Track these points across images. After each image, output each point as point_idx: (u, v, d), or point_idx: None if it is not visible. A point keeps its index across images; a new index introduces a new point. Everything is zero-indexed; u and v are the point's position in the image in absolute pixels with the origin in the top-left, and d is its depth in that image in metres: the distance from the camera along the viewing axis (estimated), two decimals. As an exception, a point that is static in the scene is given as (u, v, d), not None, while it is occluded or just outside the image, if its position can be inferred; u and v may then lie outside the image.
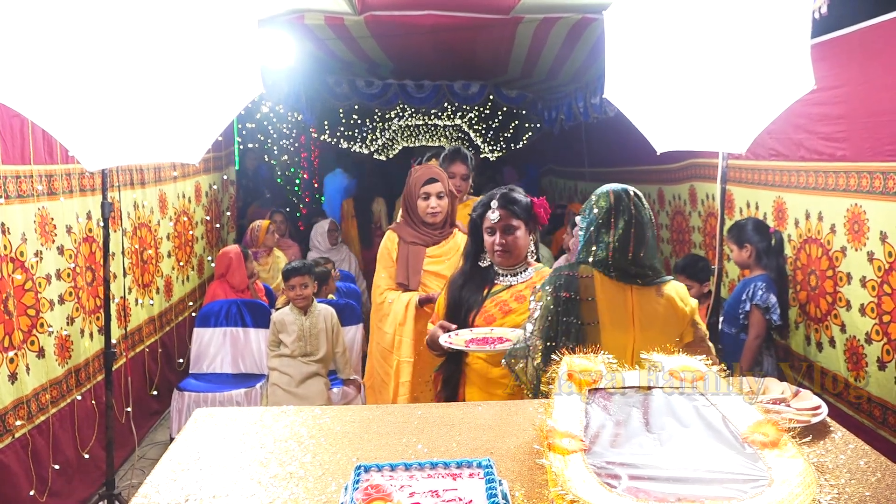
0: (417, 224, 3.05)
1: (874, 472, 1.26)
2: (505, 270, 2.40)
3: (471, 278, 2.44)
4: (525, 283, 2.38)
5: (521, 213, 2.34)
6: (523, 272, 2.40)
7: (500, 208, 2.32)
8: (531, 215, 2.39)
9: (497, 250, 2.34)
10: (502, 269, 2.40)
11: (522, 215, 2.34)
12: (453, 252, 3.04)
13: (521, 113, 9.06)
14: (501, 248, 2.33)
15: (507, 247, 2.33)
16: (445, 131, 13.25)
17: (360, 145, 11.16)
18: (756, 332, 3.27)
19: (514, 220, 2.33)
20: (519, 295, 2.35)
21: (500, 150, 11.65)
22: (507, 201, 2.34)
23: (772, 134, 3.53)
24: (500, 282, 2.39)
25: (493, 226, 2.33)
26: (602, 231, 1.99)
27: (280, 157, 8.33)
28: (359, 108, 8.62)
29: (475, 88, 6.92)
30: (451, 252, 3.04)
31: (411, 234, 3.05)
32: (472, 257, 2.46)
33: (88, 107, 2.19)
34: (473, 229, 2.44)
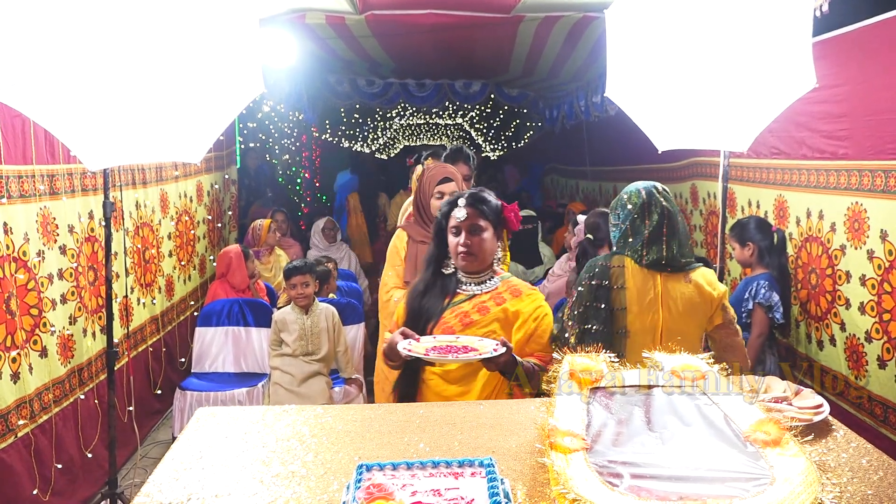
0: (428, 223, 2.93)
1: (876, 471, 1.26)
2: (469, 278, 2.22)
3: (432, 286, 2.25)
4: (489, 294, 2.19)
5: (490, 215, 2.19)
6: (488, 280, 2.22)
7: (468, 206, 2.17)
8: (500, 219, 2.23)
9: (461, 252, 2.16)
10: (466, 275, 2.22)
11: (491, 216, 2.19)
12: None
13: (523, 112, 9.06)
14: (466, 250, 2.15)
15: (472, 248, 2.15)
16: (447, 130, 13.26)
17: (361, 144, 11.16)
18: (759, 331, 3.26)
19: (481, 220, 2.17)
20: (482, 306, 2.17)
21: (502, 149, 11.65)
22: (475, 200, 2.20)
23: (773, 132, 3.52)
24: (463, 290, 2.21)
25: (459, 225, 2.16)
26: (637, 224, 2.24)
27: (281, 157, 8.34)
28: (360, 107, 8.63)
29: (476, 87, 6.92)
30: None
31: (421, 234, 2.98)
32: (435, 263, 2.28)
33: (90, 106, 2.20)
34: (438, 232, 2.27)
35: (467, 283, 2.23)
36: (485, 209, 2.18)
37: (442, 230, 2.24)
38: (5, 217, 2.62)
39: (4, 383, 2.60)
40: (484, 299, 2.17)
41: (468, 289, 2.21)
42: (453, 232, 2.19)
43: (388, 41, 4.97)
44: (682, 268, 2.21)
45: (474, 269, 2.20)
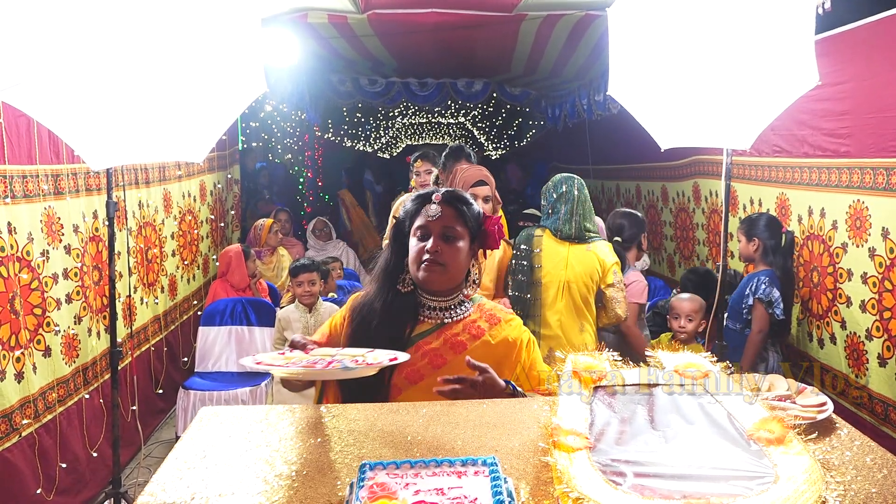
0: None
1: (880, 469, 1.26)
2: (433, 300, 1.76)
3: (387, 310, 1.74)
4: (462, 323, 1.76)
5: (470, 221, 1.77)
6: (459, 305, 1.78)
7: (445, 203, 1.74)
8: (480, 231, 1.79)
9: (426, 260, 1.70)
10: (430, 296, 1.76)
11: (470, 224, 1.77)
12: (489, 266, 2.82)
13: (525, 110, 9.05)
14: (431, 258, 1.69)
15: (441, 256, 1.70)
16: (449, 129, 13.25)
17: (363, 143, 11.16)
18: (759, 327, 3.26)
19: (458, 224, 1.74)
20: (454, 341, 1.73)
21: (504, 148, 11.64)
22: (454, 198, 1.78)
23: (775, 130, 3.52)
24: (428, 317, 1.76)
25: (429, 224, 1.72)
26: (557, 207, 3.04)
27: (284, 156, 8.35)
28: (362, 106, 8.63)
29: (478, 86, 6.92)
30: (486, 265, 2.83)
31: None
32: (390, 277, 1.78)
33: (93, 106, 2.20)
34: (397, 236, 1.81)
35: (433, 308, 1.77)
36: (465, 212, 1.77)
37: (401, 235, 1.79)
38: (9, 217, 2.63)
39: (8, 383, 2.61)
40: (456, 331, 1.75)
41: (434, 314, 1.76)
42: (419, 234, 1.74)
43: (390, 40, 4.96)
44: (584, 240, 3.01)
45: (440, 287, 1.75)
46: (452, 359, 1.71)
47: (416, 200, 1.80)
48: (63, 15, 2.04)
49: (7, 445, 2.60)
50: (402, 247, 1.79)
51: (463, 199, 1.79)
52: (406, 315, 1.75)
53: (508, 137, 11.15)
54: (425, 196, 1.79)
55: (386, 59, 5.68)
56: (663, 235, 5.90)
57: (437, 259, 1.70)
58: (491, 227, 1.79)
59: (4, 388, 2.58)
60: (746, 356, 3.27)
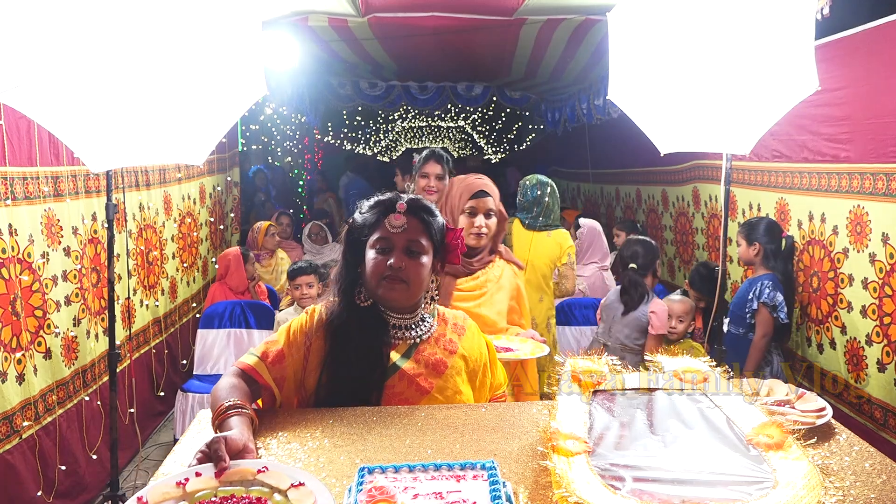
0: None
1: (879, 475, 1.26)
2: (398, 315, 1.64)
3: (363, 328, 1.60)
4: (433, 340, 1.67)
5: (435, 234, 1.64)
6: (422, 322, 1.67)
7: (410, 214, 1.60)
8: (442, 244, 1.67)
9: (387, 276, 1.56)
10: (392, 311, 1.64)
11: (435, 237, 1.64)
12: (491, 286, 2.45)
13: (525, 114, 9.07)
14: (392, 275, 1.56)
15: (405, 274, 1.57)
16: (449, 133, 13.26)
17: (363, 147, 11.17)
18: (763, 331, 3.25)
19: (423, 238, 1.61)
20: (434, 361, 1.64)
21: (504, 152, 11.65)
22: (419, 207, 1.63)
23: (775, 135, 3.52)
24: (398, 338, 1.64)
25: (392, 237, 1.58)
26: (530, 204, 3.61)
27: (284, 159, 8.36)
28: (362, 109, 8.65)
29: (478, 90, 6.93)
30: (486, 285, 2.45)
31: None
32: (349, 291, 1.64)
33: (93, 108, 2.20)
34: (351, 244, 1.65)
35: (398, 328, 1.64)
36: (431, 223, 1.63)
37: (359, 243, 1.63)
38: (10, 219, 2.63)
39: (10, 385, 2.61)
40: (433, 351, 1.64)
41: (401, 335, 1.64)
42: (379, 247, 1.59)
43: (390, 44, 4.97)
44: (547, 229, 3.58)
45: (403, 304, 1.63)
46: (437, 382, 1.62)
47: (375, 208, 1.63)
48: (64, 17, 2.05)
49: (8, 447, 2.60)
50: (357, 258, 1.63)
51: (428, 209, 1.65)
52: (380, 337, 1.61)
53: (508, 141, 11.17)
54: (387, 203, 1.62)
55: (386, 62, 5.69)
56: (663, 240, 5.91)
57: (399, 276, 1.56)
58: (453, 241, 1.68)
59: (6, 389, 2.58)
60: (751, 360, 3.26)
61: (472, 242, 2.42)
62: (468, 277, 2.45)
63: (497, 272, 2.49)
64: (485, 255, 2.50)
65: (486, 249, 2.51)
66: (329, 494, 1.13)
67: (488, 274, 2.48)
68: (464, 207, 2.45)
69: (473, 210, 2.44)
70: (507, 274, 2.51)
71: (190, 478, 1.16)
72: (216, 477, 1.17)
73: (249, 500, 1.12)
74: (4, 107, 2.55)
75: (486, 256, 2.51)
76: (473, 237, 2.43)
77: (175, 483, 1.15)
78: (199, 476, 1.17)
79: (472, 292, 2.43)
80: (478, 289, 2.44)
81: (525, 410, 1.57)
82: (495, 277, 2.48)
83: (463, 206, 2.45)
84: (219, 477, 1.17)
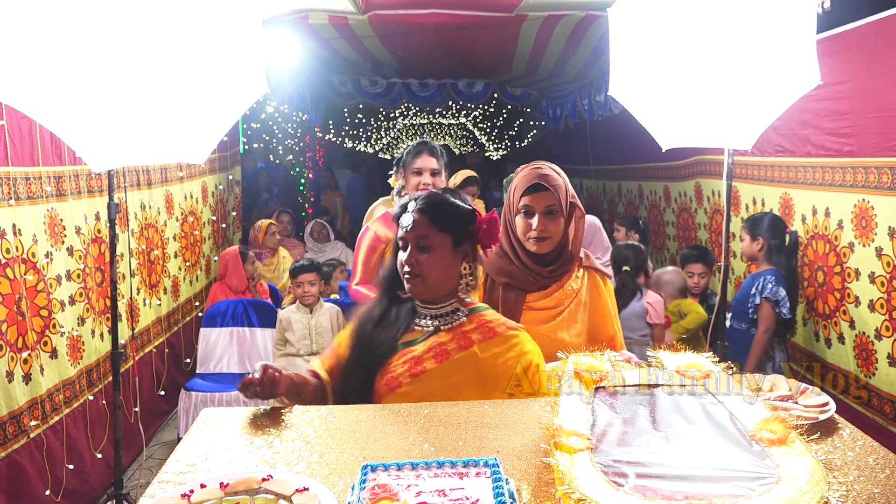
0: (514, 253, 2.05)
1: (883, 469, 1.26)
2: (425, 308, 1.75)
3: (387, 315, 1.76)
4: (451, 332, 1.70)
5: (448, 226, 1.69)
6: (450, 313, 1.73)
7: (418, 212, 1.69)
8: (466, 232, 1.71)
9: (405, 272, 1.69)
10: (422, 305, 1.75)
11: (450, 228, 1.70)
12: (569, 303, 2.03)
13: (526, 111, 9.05)
14: (409, 270, 1.68)
15: (416, 268, 1.68)
16: (450, 130, 13.24)
17: (364, 144, 11.17)
18: (766, 326, 3.25)
19: (431, 232, 1.68)
20: (440, 349, 1.68)
21: (505, 149, 11.64)
22: (428, 204, 1.71)
23: (778, 130, 3.51)
24: (420, 325, 1.74)
25: (405, 235, 1.71)
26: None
27: (285, 157, 8.36)
28: (363, 107, 8.64)
29: (479, 87, 6.92)
30: (564, 302, 2.04)
31: (504, 270, 2.05)
32: (390, 284, 1.78)
33: (94, 108, 2.20)
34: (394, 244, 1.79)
35: (425, 316, 1.75)
36: (441, 218, 1.70)
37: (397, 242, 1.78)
38: (14, 219, 2.63)
39: (17, 384, 2.62)
40: (443, 340, 1.69)
41: (425, 322, 1.74)
42: (400, 245, 1.74)
43: (390, 41, 4.97)
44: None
45: (426, 297, 1.73)
46: (432, 367, 1.65)
47: (400, 209, 1.76)
48: (64, 17, 2.05)
49: (16, 447, 2.61)
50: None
51: (438, 204, 1.71)
52: (400, 322, 1.74)
53: (509, 138, 11.15)
54: (405, 204, 1.76)
55: (387, 59, 5.69)
56: (666, 235, 5.90)
57: (414, 271, 1.68)
58: (480, 226, 1.71)
59: (13, 389, 2.59)
60: (753, 355, 3.26)
61: (532, 248, 2.00)
62: (540, 293, 2.04)
63: (576, 285, 2.06)
64: (560, 264, 2.04)
65: (563, 257, 2.04)
66: (333, 497, 1.14)
67: (566, 289, 2.05)
68: (518, 206, 2.01)
69: (529, 209, 1.99)
70: (588, 286, 2.08)
71: (195, 489, 1.16)
72: (221, 488, 1.17)
73: None
74: (6, 107, 2.56)
75: (562, 266, 2.05)
76: (533, 243, 1.99)
77: (180, 495, 1.15)
78: (204, 487, 1.17)
79: (546, 310, 2.03)
80: (553, 307, 2.03)
81: (528, 407, 1.57)
82: (573, 292, 2.05)
83: (517, 204, 2.01)
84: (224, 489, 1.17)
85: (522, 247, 2.02)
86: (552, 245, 2.00)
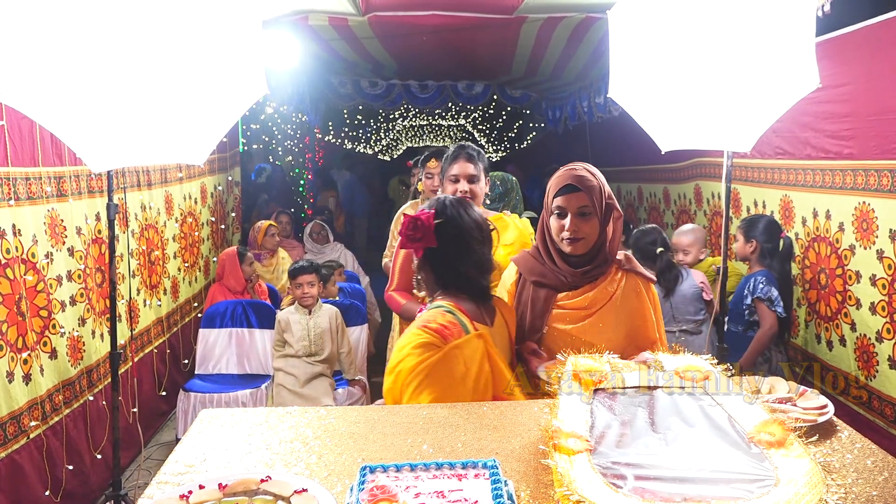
0: (548, 253, 2.05)
1: (881, 472, 1.26)
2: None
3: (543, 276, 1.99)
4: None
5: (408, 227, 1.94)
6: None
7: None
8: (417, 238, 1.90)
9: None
10: None
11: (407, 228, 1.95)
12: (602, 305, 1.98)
13: (526, 113, 9.06)
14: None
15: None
16: (450, 131, 13.25)
17: (364, 146, 11.17)
18: (768, 324, 3.24)
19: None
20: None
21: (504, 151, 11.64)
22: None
23: (777, 132, 3.52)
24: None
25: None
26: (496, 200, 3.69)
27: (285, 158, 8.36)
28: (363, 108, 8.64)
29: (479, 88, 6.92)
30: (596, 304, 1.98)
31: (536, 270, 2.06)
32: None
33: (94, 108, 2.20)
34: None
35: None
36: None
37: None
38: (14, 219, 2.63)
39: (17, 385, 2.62)
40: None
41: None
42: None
43: (390, 42, 4.97)
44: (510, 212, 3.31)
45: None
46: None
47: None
48: (64, 17, 2.05)
49: (15, 447, 2.61)
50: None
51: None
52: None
53: (509, 140, 11.15)
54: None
55: (386, 61, 5.69)
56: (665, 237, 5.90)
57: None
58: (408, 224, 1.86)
59: (13, 389, 2.59)
60: (750, 353, 3.25)
61: (566, 249, 1.98)
62: (572, 293, 2.00)
63: (612, 287, 1.99)
64: (595, 265, 2.00)
65: (600, 257, 2.00)
66: (331, 498, 1.14)
67: (600, 290, 1.99)
68: (551, 207, 1.99)
69: (562, 210, 1.96)
70: (626, 289, 2.00)
71: (194, 490, 1.17)
72: (219, 489, 1.17)
73: None
74: (6, 107, 2.56)
75: (597, 267, 2.00)
76: (566, 243, 1.97)
77: (179, 496, 1.15)
78: (203, 488, 1.17)
79: (576, 310, 1.98)
80: (584, 307, 1.98)
81: (526, 409, 1.57)
82: (608, 294, 1.99)
83: (551, 204, 1.99)
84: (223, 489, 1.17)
85: (556, 247, 2.01)
86: (587, 246, 1.97)
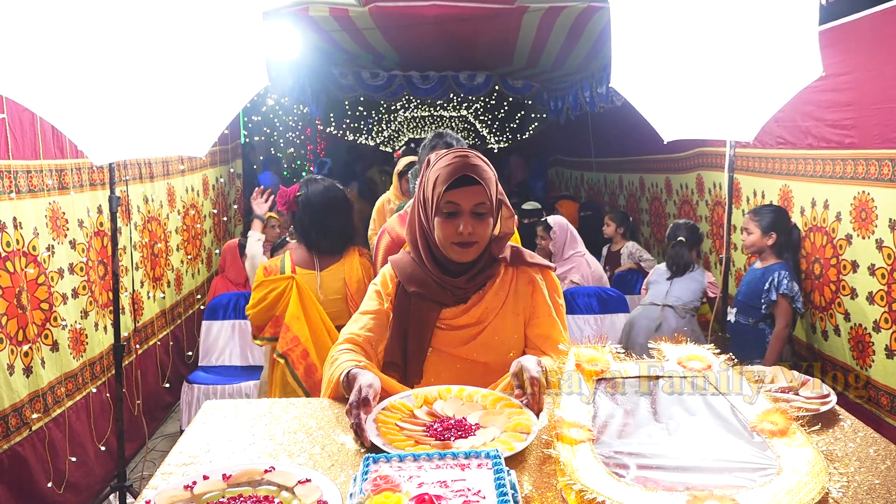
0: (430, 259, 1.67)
1: (884, 460, 1.26)
2: None
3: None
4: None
5: None
6: None
7: None
8: None
9: None
10: None
11: None
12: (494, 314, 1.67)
13: (527, 103, 9.04)
14: None
15: None
16: (451, 122, 13.22)
17: (365, 137, 11.16)
18: (786, 321, 3.20)
19: None
20: None
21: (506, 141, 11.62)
22: None
23: (779, 122, 3.50)
24: None
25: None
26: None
27: (286, 150, 8.35)
28: (364, 99, 8.63)
29: (481, 79, 6.90)
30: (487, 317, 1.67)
31: (416, 278, 1.67)
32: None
33: (95, 101, 2.20)
34: None
35: None
36: None
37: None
38: (14, 212, 2.63)
39: (17, 377, 2.62)
40: None
41: None
42: None
43: (391, 33, 4.95)
44: None
45: None
46: None
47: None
48: (65, 10, 2.04)
49: (18, 440, 2.62)
50: None
51: None
52: None
53: (511, 130, 11.14)
54: None
55: (387, 52, 5.67)
56: (667, 228, 5.89)
57: None
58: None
59: (14, 382, 2.60)
60: (773, 350, 3.18)
61: (454, 256, 1.61)
62: (458, 308, 1.66)
63: (503, 291, 1.68)
64: (478, 269, 1.66)
65: (482, 261, 1.66)
66: (335, 488, 1.14)
67: (490, 297, 1.67)
68: (439, 203, 1.58)
69: (455, 208, 1.58)
70: (518, 288, 1.69)
71: (198, 481, 1.18)
72: (223, 479, 1.18)
73: (257, 499, 1.13)
74: (7, 100, 2.55)
75: (481, 272, 1.66)
76: (457, 249, 1.60)
77: (183, 486, 1.16)
78: (207, 479, 1.18)
79: (462, 329, 1.66)
80: (472, 324, 1.66)
81: (529, 399, 1.57)
82: (500, 300, 1.67)
83: (437, 200, 1.58)
84: (227, 480, 1.18)
85: (441, 254, 1.63)
86: (478, 251, 1.62)
